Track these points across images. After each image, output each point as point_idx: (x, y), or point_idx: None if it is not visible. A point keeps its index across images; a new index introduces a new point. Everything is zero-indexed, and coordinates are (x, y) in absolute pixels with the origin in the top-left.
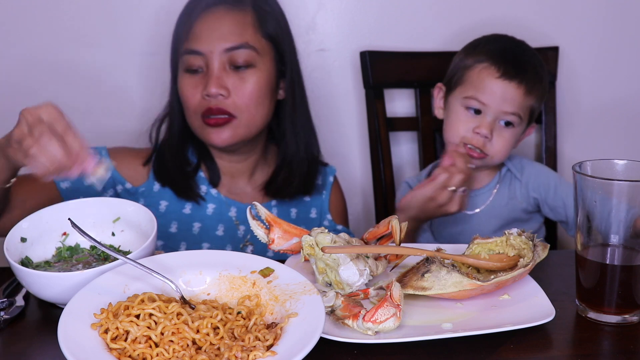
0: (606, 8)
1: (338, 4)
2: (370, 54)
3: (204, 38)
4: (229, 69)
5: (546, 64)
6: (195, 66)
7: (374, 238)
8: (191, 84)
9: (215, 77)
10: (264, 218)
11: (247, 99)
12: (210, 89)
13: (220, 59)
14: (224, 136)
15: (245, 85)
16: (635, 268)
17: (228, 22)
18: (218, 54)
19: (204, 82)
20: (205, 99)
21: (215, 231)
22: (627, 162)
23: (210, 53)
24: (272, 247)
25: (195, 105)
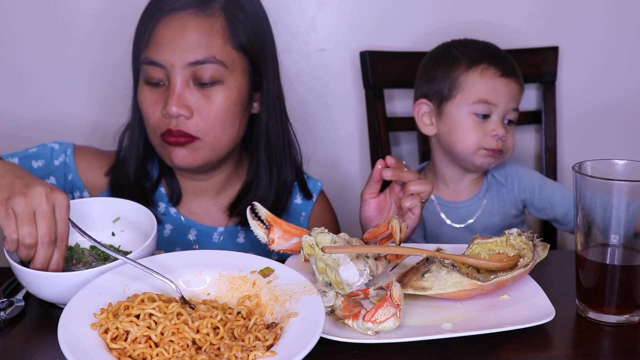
0: (606, 8)
1: (338, 4)
2: (370, 54)
3: (166, 48)
4: (192, 86)
5: (546, 64)
6: (156, 79)
7: (374, 238)
8: (151, 98)
9: (177, 95)
10: (263, 218)
11: (212, 120)
12: (170, 108)
13: (183, 74)
14: (184, 157)
15: (211, 106)
16: (635, 268)
17: (193, 31)
18: (181, 67)
19: (164, 98)
20: (165, 117)
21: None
22: (627, 162)
23: (172, 67)
24: (272, 247)
25: (154, 122)
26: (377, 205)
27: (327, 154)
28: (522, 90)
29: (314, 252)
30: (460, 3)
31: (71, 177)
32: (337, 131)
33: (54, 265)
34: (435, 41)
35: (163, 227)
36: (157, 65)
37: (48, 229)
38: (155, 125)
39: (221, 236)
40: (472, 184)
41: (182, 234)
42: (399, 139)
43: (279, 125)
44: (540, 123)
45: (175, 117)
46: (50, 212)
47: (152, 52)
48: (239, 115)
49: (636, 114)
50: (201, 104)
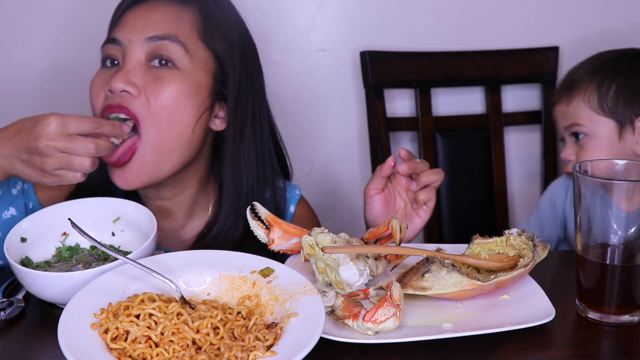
0: (606, 8)
1: (338, 4)
2: (370, 54)
3: (128, 26)
4: (146, 66)
5: (546, 64)
6: (112, 57)
7: (374, 238)
8: (100, 80)
9: (126, 71)
10: (263, 218)
11: (159, 107)
12: (114, 83)
13: (138, 51)
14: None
15: (161, 88)
16: (635, 268)
17: (161, 13)
18: (137, 43)
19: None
20: (108, 96)
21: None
22: (627, 162)
23: (129, 42)
24: (272, 247)
25: (99, 106)
26: (384, 200)
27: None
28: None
29: (314, 252)
30: (460, 3)
31: (32, 206)
32: (337, 131)
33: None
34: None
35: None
36: (115, 43)
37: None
38: (98, 112)
39: None
40: None
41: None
42: (399, 139)
43: (253, 148)
44: (540, 123)
45: (119, 95)
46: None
47: (114, 32)
48: (191, 113)
49: None
50: (151, 84)
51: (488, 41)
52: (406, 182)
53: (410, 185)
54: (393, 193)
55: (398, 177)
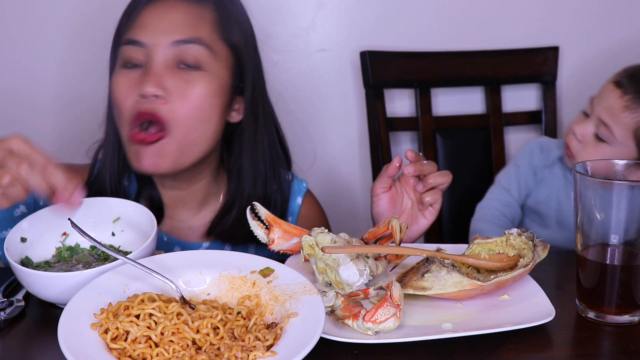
0: (606, 8)
1: (338, 4)
2: (370, 54)
3: (149, 27)
4: (173, 68)
5: (546, 64)
6: (135, 60)
7: (374, 238)
8: (126, 82)
9: (155, 74)
10: (263, 218)
11: (188, 109)
12: (145, 88)
13: (164, 54)
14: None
15: (191, 91)
16: (635, 268)
17: (181, 13)
18: (163, 47)
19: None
20: (139, 101)
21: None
22: (627, 162)
23: (154, 46)
24: (272, 247)
25: (128, 109)
26: (390, 199)
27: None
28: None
29: (314, 252)
30: (461, 3)
31: (42, 204)
32: (337, 131)
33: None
34: (435, 41)
35: None
36: (138, 45)
37: (17, 164)
38: (129, 111)
39: None
40: None
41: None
42: (399, 139)
43: (266, 137)
44: (540, 123)
45: (148, 98)
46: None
47: (134, 32)
48: (216, 112)
49: None
50: (180, 87)
51: (488, 41)
52: (414, 182)
53: (417, 186)
54: (400, 192)
55: (406, 177)
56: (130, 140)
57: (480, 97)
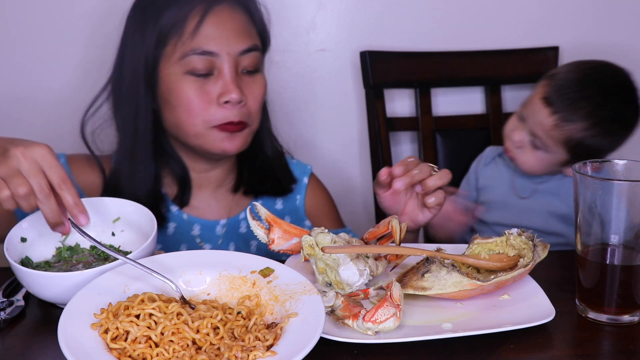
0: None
1: (338, 4)
2: (370, 54)
3: (218, 38)
4: (239, 74)
5: (546, 64)
6: (202, 69)
7: (374, 238)
8: (198, 88)
9: (233, 82)
10: (263, 218)
11: (257, 105)
12: (231, 95)
13: (233, 62)
14: (238, 143)
15: (257, 91)
16: (635, 268)
17: (238, 22)
18: (233, 56)
19: (216, 88)
20: (221, 106)
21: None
22: (627, 162)
23: (226, 54)
24: (272, 247)
25: (204, 114)
26: (391, 196)
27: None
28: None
29: (314, 252)
30: (461, 3)
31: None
32: (337, 131)
33: (75, 209)
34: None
35: (166, 226)
36: (209, 55)
37: (38, 184)
38: (205, 114)
39: (224, 228)
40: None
41: (185, 230)
42: (399, 139)
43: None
44: None
45: (234, 104)
46: (34, 167)
47: (202, 42)
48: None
49: None
50: (249, 89)
51: (488, 41)
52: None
53: (415, 188)
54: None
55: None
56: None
57: (480, 97)
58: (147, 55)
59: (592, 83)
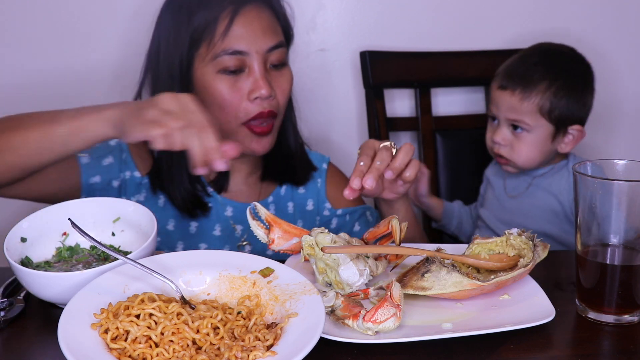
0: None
1: (338, 4)
2: (370, 54)
3: (247, 37)
4: (267, 69)
5: None
6: (234, 67)
7: (374, 238)
8: (230, 86)
9: (264, 78)
10: (263, 218)
11: (285, 98)
12: (261, 91)
13: (262, 60)
14: (266, 144)
15: (285, 84)
16: (635, 268)
17: (265, 21)
18: (262, 53)
19: (247, 84)
20: (252, 102)
21: (212, 231)
22: (627, 162)
23: (255, 53)
24: (272, 247)
25: (236, 110)
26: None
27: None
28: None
29: (314, 252)
30: (460, 3)
31: (124, 157)
32: (337, 131)
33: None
34: (435, 41)
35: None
36: (239, 54)
37: (190, 120)
38: (238, 111)
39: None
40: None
41: (220, 211)
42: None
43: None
44: None
45: (265, 99)
46: (184, 108)
47: (232, 42)
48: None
49: (636, 113)
50: (277, 84)
51: (488, 41)
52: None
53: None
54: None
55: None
56: (245, 131)
57: (480, 97)
58: (182, 57)
59: (533, 54)
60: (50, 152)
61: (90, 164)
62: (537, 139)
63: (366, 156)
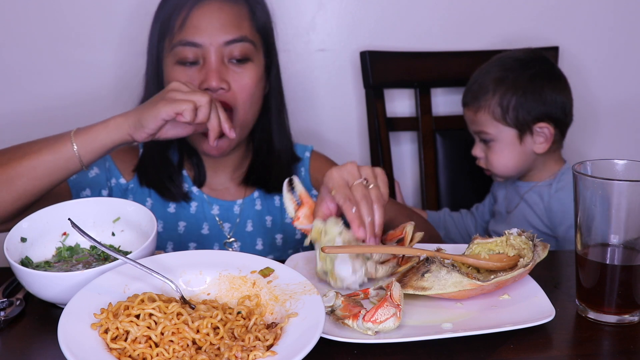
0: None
1: (338, 4)
2: (370, 54)
3: (202, 29)
4: (226, 63)
5: None
6: (190, 59)
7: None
8: (184, 78)
9: (216, 70)
10: (298, 194)
11: (245, 94)
12: (211, 82)
13: (218, 52)
14: (222, 146)
15: (244, 80)
16: (635, 268)
17: (226, 15)
18: (217, 46)
19: (200, 76)
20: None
21: (200, 230)
22: (627, 162)
23: (210, 45)
24: (296, 223)
25: None
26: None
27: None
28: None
29: (319, 238)
30: (460, 3)
31: (108, 165)
32: (337, 131)
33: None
34: (435, 41)
35: (189, 205)
36: (194, 45)
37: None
38: None
39: (240, 207)
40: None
41: (207, 209)
42: (399, 139)
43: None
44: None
45: (215, 91)
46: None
47: (188, 34)
48: (262, 92)
49: (636, 114)
50: (236, 78)
51: (488, 41)
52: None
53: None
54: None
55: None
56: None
57: None
58: (153, 51)
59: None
60: (62, 170)
61: (77, 180)
62: (505, 146)
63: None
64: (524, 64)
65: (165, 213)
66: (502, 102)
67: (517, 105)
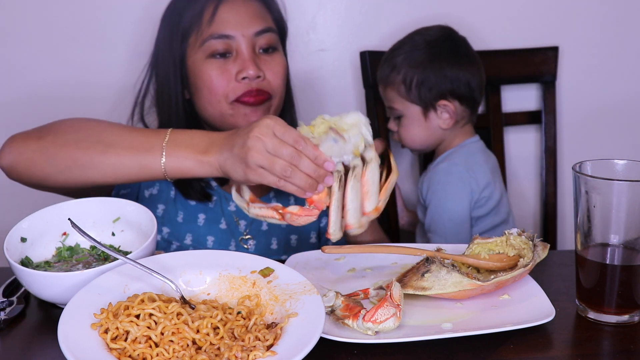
0: (606, 8)
1: (338, 4)
2: (370, 54)
3: (233, 22)
4: (257, 53)
5: (546, 64)
6: (222, 50)
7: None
8: (219, 69)
9: (251, 59)
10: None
11: (279, 80)
12: (249, 71)
13: (249, 43)
14: (260, 114)
15: (276, 67)
16: (635, 268)
17: (252, 7)
18: (248, 37)
19: (235, 66)
20: (240, 82)
21: (219, 224)
22: (627, 162)
23: (242, 36)
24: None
25: (225, 91)
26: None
27: None
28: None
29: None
30: (461, 3)
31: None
32: None
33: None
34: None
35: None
36: (226, 38)
37: (288, 155)
38: (227, 92)
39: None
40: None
41: (225, 205)
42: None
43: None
44: (540, 123)
45: (252, 79)
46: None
47: (219, 27)
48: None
49: (636, 113)
50: (268, 66)
51: (487, 41)
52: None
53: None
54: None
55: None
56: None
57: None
58: (175, 53)
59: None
60: (133, 177)
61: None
62: (412, 121)
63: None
64: (429, 42)
65: (186, 204)
66: (405, 80)
67: (418, 83)
